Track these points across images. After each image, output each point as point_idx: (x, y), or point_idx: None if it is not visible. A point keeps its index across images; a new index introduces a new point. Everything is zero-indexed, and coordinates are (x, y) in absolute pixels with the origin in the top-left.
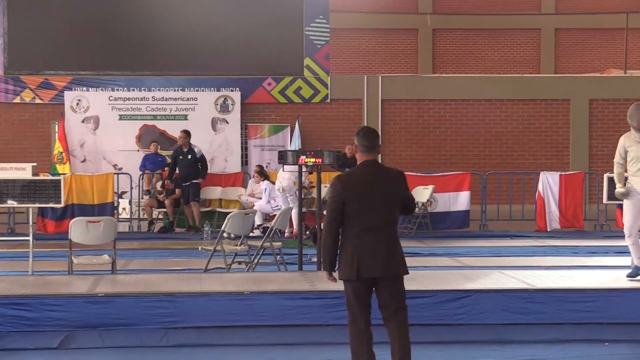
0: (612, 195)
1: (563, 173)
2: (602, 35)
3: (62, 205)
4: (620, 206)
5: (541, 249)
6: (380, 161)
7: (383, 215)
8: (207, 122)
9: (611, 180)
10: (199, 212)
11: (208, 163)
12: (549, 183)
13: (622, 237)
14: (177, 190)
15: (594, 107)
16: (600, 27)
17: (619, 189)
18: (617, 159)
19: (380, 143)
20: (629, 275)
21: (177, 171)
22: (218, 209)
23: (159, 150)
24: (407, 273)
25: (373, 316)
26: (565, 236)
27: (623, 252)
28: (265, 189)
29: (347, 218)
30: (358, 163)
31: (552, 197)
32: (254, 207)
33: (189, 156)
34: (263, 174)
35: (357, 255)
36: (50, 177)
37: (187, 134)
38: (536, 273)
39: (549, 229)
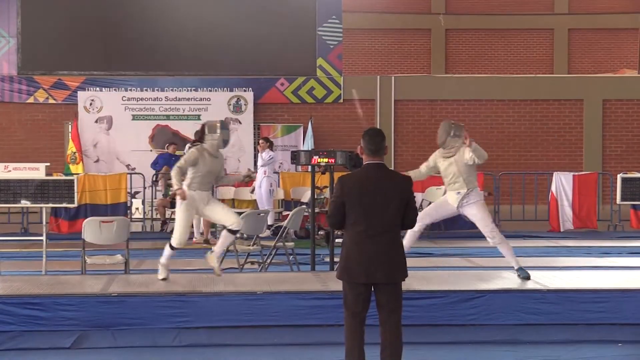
0: (625, 196)
1: (576, 173)
2: (616, 36)
3: (75, 205)
4: (635, 207)
5: (554, 249)
6: (393, 161)
7: (382, 219)
8: None
9: (625, 181)
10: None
11: None
12: (562, 183)
13: (637, 237)
14: None
15: (607, 107)
16: (614, 27)
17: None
18: (423, 165)
19: (386, 145)
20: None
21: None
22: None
23: (176, 152)
24: (405, 278)
25: (369, 315)
26: (578, 237)
27: (637, 252)
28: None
29: (347, 219)
30: (363, 164)
31: (565, 197)
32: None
33: None
34: (268, 141)
35: (352, 258)
36: (64, 177)
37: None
38: (549, 273)
39: (562, 230)
